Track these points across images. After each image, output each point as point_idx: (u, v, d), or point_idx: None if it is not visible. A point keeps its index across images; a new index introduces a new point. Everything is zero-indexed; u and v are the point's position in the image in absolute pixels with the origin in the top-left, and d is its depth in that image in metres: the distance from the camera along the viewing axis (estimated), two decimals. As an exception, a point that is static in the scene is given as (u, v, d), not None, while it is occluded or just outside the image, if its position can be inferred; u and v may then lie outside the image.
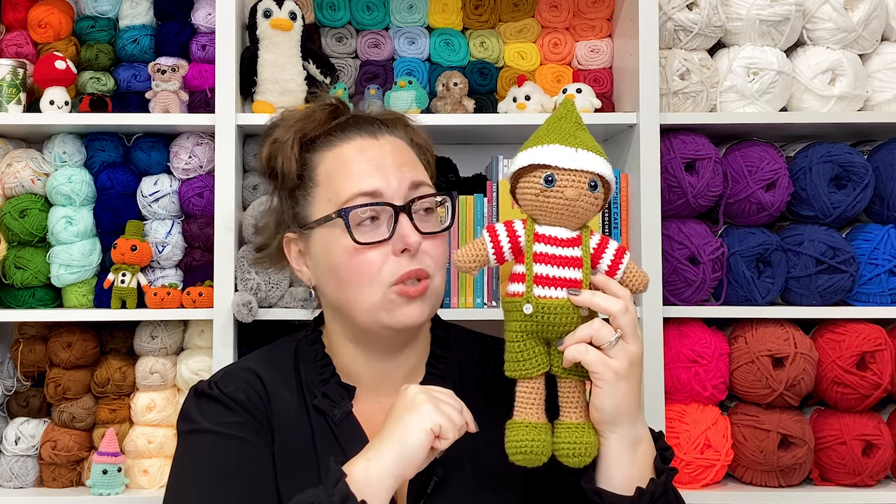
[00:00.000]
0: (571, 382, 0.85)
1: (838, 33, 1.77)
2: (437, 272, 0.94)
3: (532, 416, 0.84)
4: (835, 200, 1.73)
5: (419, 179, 0.95)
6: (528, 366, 0.84)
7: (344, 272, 0.92)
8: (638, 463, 0.85)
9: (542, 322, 0.82)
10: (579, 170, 0.82)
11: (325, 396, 0.96)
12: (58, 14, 1.82)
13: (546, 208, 0.83)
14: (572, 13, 1.95)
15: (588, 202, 0.83)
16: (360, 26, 1.93)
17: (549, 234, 0.84)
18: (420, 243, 0.90)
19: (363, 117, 1.00)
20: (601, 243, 0.85)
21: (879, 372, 1.67)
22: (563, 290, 0.82)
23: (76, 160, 1.79)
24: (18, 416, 1.77)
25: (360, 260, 0.91)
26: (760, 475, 1.70)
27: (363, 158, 0.94)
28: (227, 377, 0.97)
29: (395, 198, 0.92)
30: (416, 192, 0.93)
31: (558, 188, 0.82)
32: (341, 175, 0.94)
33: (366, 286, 0.91)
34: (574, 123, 0.86)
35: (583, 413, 0.85)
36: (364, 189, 0.92)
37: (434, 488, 0.91)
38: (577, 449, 0.83)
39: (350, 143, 0.96)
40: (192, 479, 0.89)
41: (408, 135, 1.01)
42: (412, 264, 0.91)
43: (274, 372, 0.98)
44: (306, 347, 1.01)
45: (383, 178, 0.92)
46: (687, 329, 1.72)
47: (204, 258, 1.77)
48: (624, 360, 0.81)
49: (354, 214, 0.91)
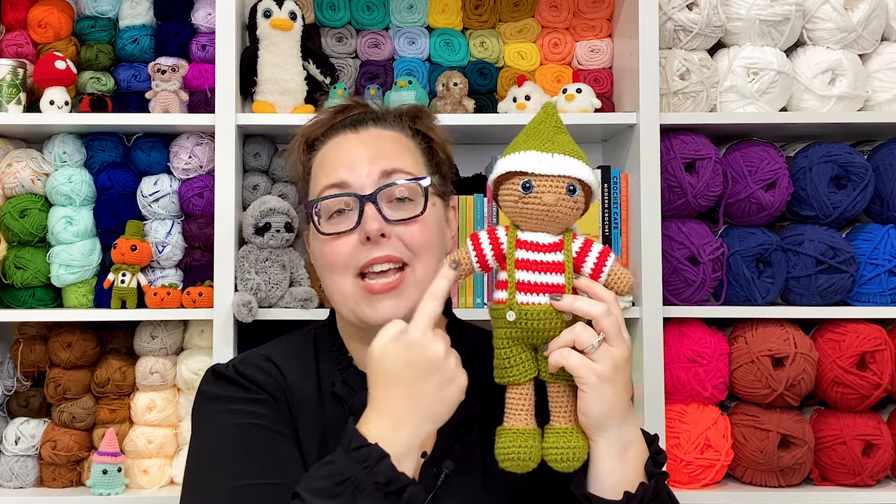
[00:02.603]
0: (559, 387, 0.85)
1: (838, 33, 1.77)
2: (418, 259, 0.93)
3: (521, 423, 0.84)
4: (835, 200, 1.73)
5: (392, 167, 0.94)
6: (516, 372, 0.84)
7: (319, 263, 0.96)
8: (628, 467, 0.84)
9: (526, 328, 0.82)
10: (556, 175, 0.82)
11: (345, 384, 0.96)
12: (58, 14, 1.82)
13: (526, 214, 0.83)
14: (572, 13, 1.94)
15: (567, 207, 0.82)
16: (360, 26, 1.93)
17: (531, 240, 0.84)
18: (379, 230, 0.90)
19: (358, 114, 1.00)
20: (584, 246, 0.84)
21: (879, 372, 1.67)
22: (546, 295, 0.82)
23: (76, 160, 1.79)
24: (18, 416, 1.77)
25: (328, 250, 0.93)
26: (760, 475, 1.70)
27: (338, 152, 0.97)
28: (245, 362, 0.98)
29: (364, 187, 0.93)
30: (387, 181, 0.93)
31: (536, 194, 0.82)
32: (319, 172, 0.97)
33: (337, 276, 0.93)
34: (553, 127, 0.85)
35: (572, 418, 0.84)
36: (331, 181, 0.94)
37: (444, 481, 0.91)
38: (565, 454, 0.83)
39: (333, 140, 0.99)
40: (210, 455, 0.90)
41: (407, 123, 1.01)
42: (378, 251, 0.91)
43: (290, 359, 0.99)
44: (324, 336, 1.02)
45: (351, 168, 0.94)
46: (687, 329, 1.72)
47: (204, 258, 1.77)
48: (608, 364, 0.81)
49: (321, 206, 0.94)
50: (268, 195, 1.76)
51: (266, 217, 1.70)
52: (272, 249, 1.71)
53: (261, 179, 1.81)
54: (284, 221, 1.70)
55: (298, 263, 1.75)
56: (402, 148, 0.98)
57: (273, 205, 1.71)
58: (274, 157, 1.85)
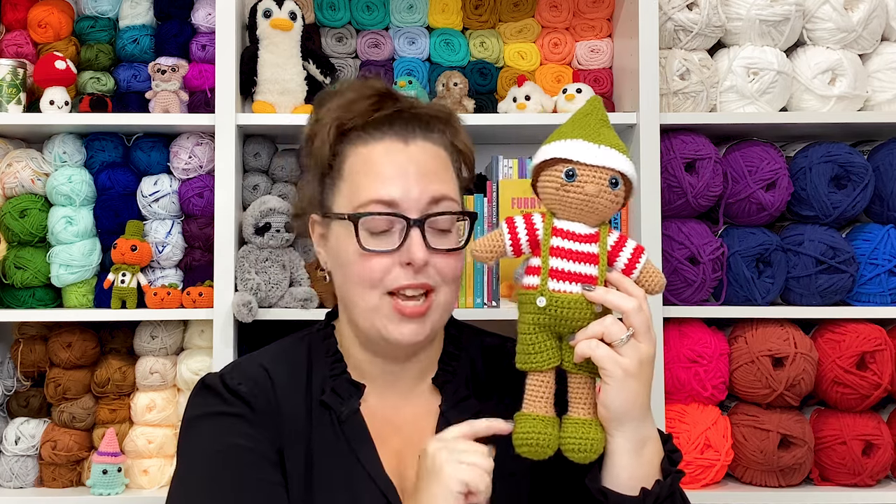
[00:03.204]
0: (581, 378, 0.85)
1: (838, 33, 1.77)
2: (444, 286, 0.92)
3: (540, 410, 0.84)
4: (835, 200, 1.73)
5: (441, 194, 0.92)
6: (539, 359, 0.84)
7: (350, 271, 0.92)
8: (644, 463, 0.85)
9: (554, 316, 0.83)
10: (601, 166, 0.82)
11: (334, 392, 0.96)
12: (58, 14, 1.82)
13: (566, 202, 0.83)
14: (572, 13, 1.94)
15: (608, 199, 0.83)
16: (360, 26, 1.93)
17: (567, 229, 0.84)
18: (425, 261, 0.89)
19: (401, 115, 0.95)
20: (619, 241, 0.85)
21: (879, 372, 1.67)
22: (578, 285, 0.83)
23: (76, 160, 1.79)
24: (18, 416, 1.77)
25: (364, 265, 0.90)
26: (760, 475, 1.70)
27: (387, 162, 0.92)
28: (236, 370, 0.98)
29: (412, 210, 0.90)
30: (436, 208, 0.91)
31: (579, 183, 0.82)
32: (363, 176, 0.93)
33: (367, 290, 0.91)
34: (599, 120, 0.85)
35: (591, 410, 0.85)
36: (381, 197, 0.90)
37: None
38: (582, 444, 0.83)
39: (379, 144, 0.93)
40: (194, 483, 0.90)
41: (448, 137, 0.98)
42: (415, 278, 0.90)
43: (284, 366, 0.98)
44: (319, 342, 1.01)
45: (403, 187, 0.90)
46: (687, 329, 1.72)
47: (204, 258, 1.77)
48: (634, 359, 0.81)
49: (366, 221, 0.90)
50: (268, 195, 1.76)
51: (266, 217, 1.70)
52: (272, 249, 1.71)
53: (261, 179, 1.81)
54: (284, 221, 1.70)
55: (298, 263, 1.75)
56: (446, 168, 0.96)
57: (273, 205, 1.71)
58: (274, 157, 1.85)
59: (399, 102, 0.96)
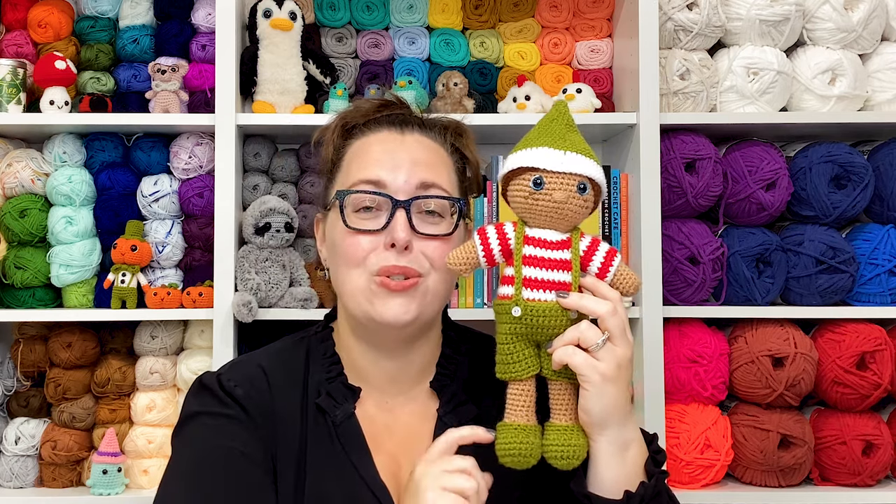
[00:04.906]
0: (561, 385, 0.85)
1: (838, 33, 1.77)
2: (433, 273, 0.92)
3: (521, 419, 0.84)
4: (835, 200, 1.73)
5: (432, 181, 0.93)
6: (518, 368, 0.84)
7: (338, 253, 0.94)
8: (628, 466, 0.85)
9: (530, 325, 0.83)
10: (568, 172, 0.82)
11: (329, 396, 0.96)
12: (58, 14, 1.82)
13: (535, 211, 0.83)
14: (572, 13, 1.95)
15: (577, 205, 0.83)
16: (360, 26, 1.93)
17: (539, 237, 0.84)
18: (407, 241, 0.90)
19: (402, 113, 0.99)
20: (591, 245, 0.84)
21: (879, 372, 1.67)
22: (552, 292, 0.82)
23: (76, 160, 1.79)
24: (18, 416, 1.77)
25: (350, 243, 0.92)
26: (760, 475, 1.70)
27: (380, 149, 0.95)
28: (233, 370, 0.98)
29: (400, 192, 0.92)
30: (424, 192, 0.93)
31: (547, 191, 0.82)
32: (355, 162, 0.96)
33: (353, 269, 0.92)
34: (565, 125, 0.85)
35: (572, 416, 0.85)
36: (368, 177, 0.93)
37: None
38: (565, 451, 0.83)
39: (376, 135, 0.97)
40: (177, 467, 0.91)
41: (449, 139, 1.00)
42: (399, 260, 0.90)
43: (281, 367, 0.98)
44: (317, 344, 1.01)
45: (392, 170, 0.93)
46: (687, 329, 1.72)
47: (204, 258, 1.77)
48: (611, 363, 0.81)
49: (352, 199, 0.92)
50: (268, 195, 1.76)
51: (266, 217, 1.70)
52: (272, 249, 1.72)
53: (261, 179, 1.81)
54: (284, 221, 1.70)
55: (298, 263, 1.75)
56: (441, 162, 0.97)
57: (273, 205, 1.71)
58: (274, 157, 1.85)
59: (405, 107, 1.00)
